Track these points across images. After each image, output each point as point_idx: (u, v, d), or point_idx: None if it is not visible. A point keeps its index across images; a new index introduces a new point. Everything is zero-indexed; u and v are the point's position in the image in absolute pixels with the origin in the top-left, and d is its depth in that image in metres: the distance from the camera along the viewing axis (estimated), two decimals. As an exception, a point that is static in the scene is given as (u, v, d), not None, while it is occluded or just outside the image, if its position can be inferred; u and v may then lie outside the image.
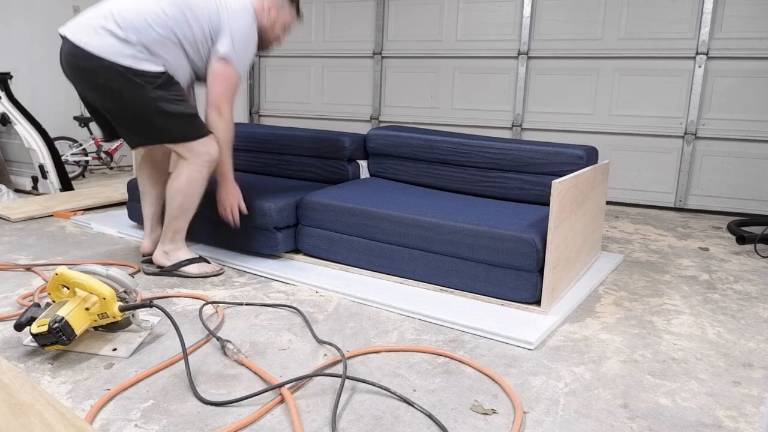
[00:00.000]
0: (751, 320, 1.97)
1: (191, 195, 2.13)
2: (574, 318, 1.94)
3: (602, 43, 4.07)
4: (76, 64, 1.98)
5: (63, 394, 1.35)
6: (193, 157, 2.08)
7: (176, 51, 2.05)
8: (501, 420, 1.31)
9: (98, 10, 2.02)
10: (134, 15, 1.97)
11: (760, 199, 3.82)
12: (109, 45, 1.94)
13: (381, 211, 2.21)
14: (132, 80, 1.96)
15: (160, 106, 2.00)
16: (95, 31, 1.96)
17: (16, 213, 3.08)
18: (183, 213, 2.16)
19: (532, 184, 2.51)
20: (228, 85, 2.09)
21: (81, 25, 1.99)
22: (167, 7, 2.01)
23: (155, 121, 2.02)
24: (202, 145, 2.08)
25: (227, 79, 2.08)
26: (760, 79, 3.72)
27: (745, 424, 1.32)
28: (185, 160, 2.10)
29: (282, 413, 1.30)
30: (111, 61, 1.93)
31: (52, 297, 1.62)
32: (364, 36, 4.84)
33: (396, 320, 1.87)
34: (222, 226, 2.44)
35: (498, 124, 4.46)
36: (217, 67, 2.07)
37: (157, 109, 2.00)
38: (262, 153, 3.03)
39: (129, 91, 1.97)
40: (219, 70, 2.07)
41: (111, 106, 2.05)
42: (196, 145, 2.07)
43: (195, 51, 2.08)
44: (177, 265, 2.20)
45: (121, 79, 1.95)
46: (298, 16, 2.32)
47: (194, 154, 2.08)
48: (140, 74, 1.96)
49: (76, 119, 4.79)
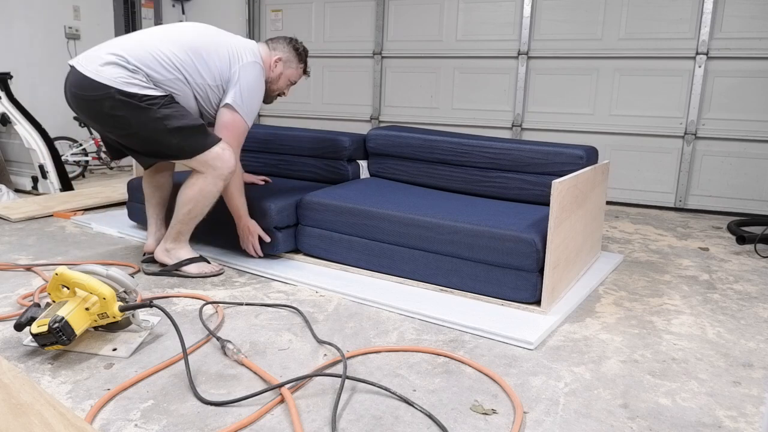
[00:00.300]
0: (751, 320, 1.98)
1: (202, 205, 2.13)
2: (574, 318, 1.94)
3: (602, 43, 4.07)
4: (82, 95, 2.00)
5: (63, 394, 1.35)
6: (208, 171, 2.08)
7: (185, 90, 2.09)
8: (501, 420, 1.31)
9: (109, 45, 2.05)
10: (145, 53, 2.01)
11: (760, 199, 3.82)
12: (117, 74, 1.96)
13: (381, 211, 2.21)
14: (137, 105, 1.97)
15: (169, 124, 2.00)
16: (104, 61, 1.98)
17: (16, 213, 3.08)
18: (191, 219, 2.18)
19: (532, 184, 2.51)
20: (235, 134, 2.14)
21: (90, 57, 2.02)
22: (178, 53, 2.05)
23: (165, 139, 2.02)
24: (217, 158, 2.06)
25: (235, 128, 2.13)
26: (760, 79, 3.72)
27: (745, 424, 1.32)
28: (199, 173, 2.10)
29: (282, 413, 1.30)
30: (116, 89, 1.95)
31: (52, 297, 1.62)
32: (364, 36, 4.84)
33: (396, 320, 1.87)
34: (223, 226, 2.44)
35: (498, 124, 4.46)
36: (224, 115, 2.12)
37: (165, 127, 2.00)
38: (263, 153, 3.03)
39: (135, 117, 1.98)
40: (227, 118, 2.12)
41: (119, 134, 2.07)
42: (210, 159, 2.06)
43: (204, 96, 2.13)
44: (177, 265, 2.20)
45: (126, 107, 1.97)
46: (305, 73, 2.40)
47: (209, 167, 2.07)
48: (145, 99, 1.98)
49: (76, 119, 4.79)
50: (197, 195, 2.10)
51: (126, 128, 2.01)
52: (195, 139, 2.04)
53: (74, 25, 4.99)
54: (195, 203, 2.12)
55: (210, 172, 2.08)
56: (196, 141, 2.05)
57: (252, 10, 5.35)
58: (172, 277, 2.21)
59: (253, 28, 5.41)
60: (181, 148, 2.04)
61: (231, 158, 2.09)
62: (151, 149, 2.08)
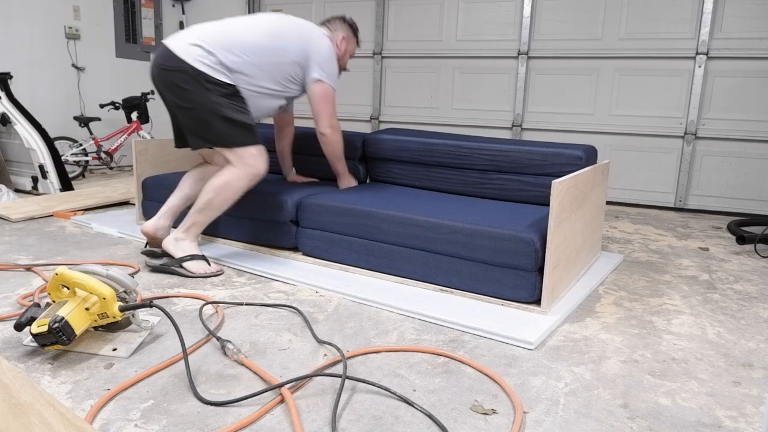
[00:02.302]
0: (751, 320, 1.98)
1: (223, 197, 2.24)
2: (574, 318, 1.94)
3: (602, 43, 4.07)
4: (163, 65, 2.21)
5: (63, 394, 1.35)
6: (240, 166, 2.22)
7: (262, 76, 2.28)
8: (501, 420, 1.31)
9: (195, 28, 2.28)
10: (225, 39, 2.23)
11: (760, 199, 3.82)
12: (194, 52, 2.18)
13: (380, 212, 2.22)
14: (202, 84, 2.17)
15: (221, 111, 2.19)
16: (186, 41, 2.22)
17: (16, 213, 3.08)
18: (208, 210, 2.26)
19: (532, 186, 2.51)
20: (330, 101, 2.43)
21: (178, 37, 2.25)
22: (261, 36, 2.28)
23: (215, 122, 2.19)
24: (252, 157, 2.23)
25: (327, 95, 2.41)
26: (760, 79, 3.72)
27: (745, 424, 1.32)
28: (232, 166, 2.23)
29: (282, 413, 1.30)
30: (189, 64, 2.16)
31: (52, 297, 1.62)
32: (364, 36, 4.84)
33: (396, 320, 1.87)
34: (242, 221, 2.54)
35: (498, 124, 4.46)
36: (316, 89, 2.39)
37: (217, 112, 2.18)
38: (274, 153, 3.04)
39: (197, 93, 2.18)
40: (317, 89, 2.39)
41: (179, 106, 2.24)
42: (246, 155, 2.22)
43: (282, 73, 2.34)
44: (180, 260, 2.21)
45: (194, 81, 2.17)
46: (358, 45, 2.67)
47: (242, 163, 2.22)
48: (211, 81, 2.18)
49: (76, 119, 4.80)
50: (223, 185, 2.22)
51: (186, 101, 2.20)
52: (241, 133, 2.22)
53: (74, 25, 4.99)
54: (218, 193, 2.22)
55: (242, 168, 2.22)
56: (241, 134, 2.22)
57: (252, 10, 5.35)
58: (172, 274, 2.21)
59: (253, 28, 5.40)
60: (228, 135, 2.21)
61: (264, 163, 2.27)
62: (200, 129, 2.23)
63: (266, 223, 2.50)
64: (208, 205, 2.24)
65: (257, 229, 2.53)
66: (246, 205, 2.49)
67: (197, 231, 2.30)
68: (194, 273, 2.21)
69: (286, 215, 2.42)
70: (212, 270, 2.25)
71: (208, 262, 2.27)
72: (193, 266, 2.22)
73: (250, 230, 2.55)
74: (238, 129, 2.21)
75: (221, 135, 2.21)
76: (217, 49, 2.20)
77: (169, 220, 2.42)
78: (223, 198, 2.23)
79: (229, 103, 2.21)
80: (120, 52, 5.43)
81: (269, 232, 2.49)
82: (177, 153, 3.13)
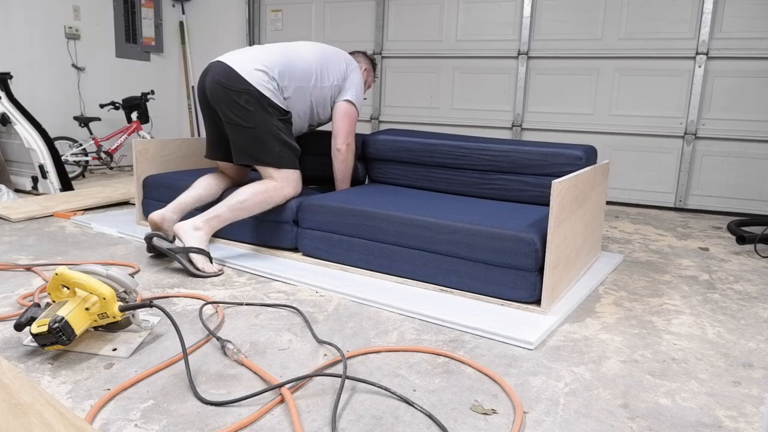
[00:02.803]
0: (751, 320, 1.98)
1: (256, 202, 2.35)
2: (574, 318, 1.94)
3: (602, 43, 4.07)
4: (226, 84, 2.35)
5: (63, 394, 1.35)
6: (282, 183, 2.39)
7: (303, 101, 2.49)
8: (501, 420, 1.31)
9: (256, 53, 2.43)
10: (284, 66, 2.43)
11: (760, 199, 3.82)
12: (259, 77, 2.36)
13: (380, 212, 2.22)
14: (265, 108, 2.35)
15: (279, 134, 2.39)
16: (250, 65, 2.38)
17: (16, 213, 3.08)
18: (238, 209, 2.35)
19: (532, 186, 2.51)
20: (352, 120, 2.62)
21: (241, 59, 2.40)
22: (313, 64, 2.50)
23: (271, 143, 2.38)
24: (295, 180, 2.43)
25: (351, 115, 2.60)
26: (760, 79, 3.72)
27: (745, 424, 1.32)
28: (274, 180, 2.39)
29: (282, 413, 1.30)
30: (255, 87, 2.34)
31: (52, 297, 1.62)
32: (364, 36, 4.84)
33: (396, 320, 1.87)
34: (242, 221, 2.54)
35: (498, 124, 4.46)
36: (344, 107, 2.59)
37: (276, 134, 2.38)
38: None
39: (259, 114, 2.35)
40: (344, 108, 2.59)
41: (240, 124, 2.37)
42: (291, 177, 2.41)
43: (322, 97, 2.55)
44: (188, 249, 2.23)
45: (257, 104, 2.34)
46: (375, 79, 2.96)
47: (286, 181, 2.40)
48: (273, 106, 2.37)
49: (76, 119, 4.80)
50: (261, 192, 2.35)
51: (247, 120, 2.35)
52: (291, 156, 2.43)
53: (74, 25, 4.99)
54: (254, 197, 2.34)
55: (282, 184, 2.40)
56: (291, 158, 2.42)
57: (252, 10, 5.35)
58: (175, 261, 2.20)
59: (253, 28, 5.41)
60: (279, 156, 2.39)
61: (298, 188, 2.46)
62: (253, 147, 2.38)
63: (267, 223, 2.50)
64: (240, 205, 2.33)
65: (258, 230, 2.53)
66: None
67: (217, 225, 2.34)
68: (197, 267, 2.21)
69: (287, 216, 2.43)
70: (213, 270, 2.24)
71: (211, 261, 2.27)
72: (199, 260, 2.22)
73: (251, 231, 2.55)
74: (290, 152, 2.41)
75: (275, 155, 2.38)
76: (279, 75, 2.39)
77: (177, 214, 2.45)
78: (257, 203, 2.35)
79: (285, 128, 2.42)
80: (120, 52, 5.44)
81: (270, 232, 2.50)
82: (177, 153, 3.13)
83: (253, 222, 2.53)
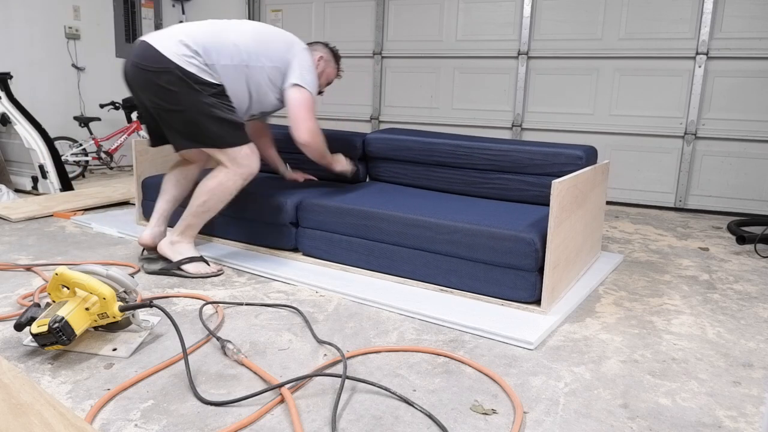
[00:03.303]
0: (751, 320, 1.98)
1: (217, 199, 2.21)
2: (574, 318, 1.94)
3: (602, 43, 4.07)
4: (143, 65, 2.11)
5: (63, 394, 1.35)
6: (233, 167, 2.19)
7: (237, 83, 2.21)
8: (501, 420, 1.31)
9: (179, 27, 2.20)
10: (210, 40, 2.16)
11: (760, 199, 3.82)
12: (181, 52, 2.10)
13: (381, 212, 2.22)
14: (191, 86, 2.10)
15: (212, 112, 2.13)
16: (171, 40, 2.13)
17: (16, 213, 3.08)
18: (203, 212, 2.24)
19: (532, 185, 2.51)
20: (308, 107, 2.27)
21: (160, 34, 2.17)
22: (246, 39, 2.21)
23: (206, 124, 2.13)
24: (245, 157, 2.19)
25: (306, 102, 2.27)
26: (760, 79, 3.72)
27: (745, 424, 1.32)
28: (224, 167, 2.20)
29: (282, 413, 1.30)
30: (176, 64, 2.08)
31: (52, 297, 1.62)
32: (364, 36, 4.84)
33: (396, 320, 1.87)
34: (241, 222, 2.53)
35: (498, 124, 4.46)
36: (294, 94, 2.26)
37: (209, 113, 2.12)
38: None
39: (186, 95, 2.10)
40: (295, 95, 2.26)
41: (166, 108, 2.15)
42: (238, 156, 2.18)
43: (262, 79, 2.25)
44: (178, 263, 2.20)
45: (182, 83, 2.09)
46: (338, 74, 2.59)
47: (235, 164, 2.19)
48: (199, 82, 2.11)
49: (76, 119, 4.79)
50: (216, 187, 2.19)
51: (174, 104, 2.12)
52: (233, 133, 2.18)
53: (74, 25, 4.99)
54: (211, 195, 2.20)
55: (234, 169, 2.18)
56: (233, 134, 2.18)
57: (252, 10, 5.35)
58: (171, 276, 2.21)
59: (253, 28, 5.40)
60: (220, 136, 2.16)
61: (257, 161, 2.23)
62: (190, 131, 2.17)
63: (266, 224, 2.49)
64: (202, 208, 2.21)
65: (257, 231, 2.53)
66: (245, 206, 2.49)
67: (193, 233, 2.28)
68: (193, 274, 2.21)
69: (285, 217, 2.42)
70: (212, 270, 2.24)
71: (207, 263, 2.27)
72: (192, 268, 2.22)
73: (250, 232, 2.55)
74: (229, 129, 2.16)
75: (213, 136, 2.15)
76: (204, 50, 2.13)
77: (163, 225, 2.39)
78: (218, 199, 2.21)
79: (219, 103, 2.15)
80: (120, 52, 5.43)
81: (269, 233, 2.49)
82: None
83: (253, 223, 2.52)
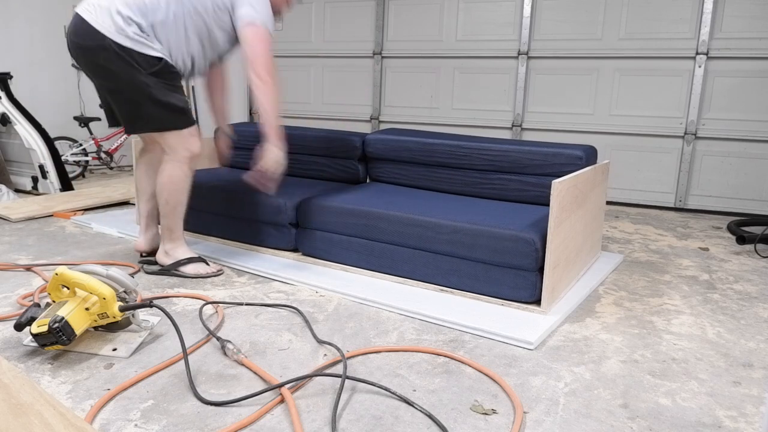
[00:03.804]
0: (751, 320, 1.98)
1: (174, 191, 2.15)
2: (574, 318, 1.94)
3: (602, 43, 4.07)
4: (80, 44, 2.00)
5: (63, 394, 1.35)
6: (171, 153, 2.12)
7: (183, 33, 2.05)
8: (501, 420, 1.31)
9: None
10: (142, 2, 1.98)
11: (760, 199, 3.82)
12: (113, 23, 1.95)
13: (381, 212, 2.22)
14: (129, 62, 1.97)
15: (151, 93, 2.02)
16: (102, 9, 1.97)
17: (16, 213, 3.08)
18: (171, 210, 2.18)
19: (532, 186, 2.51)
20: (264, 43, 2.07)
21: (92, 3, 2.01)
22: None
23: (146, 105, 2.04)
24: (183, 141, 2.11)
25: (260, 40, 2.06)
26: (760, 79, 3.72)
27: (745, 424, 1.32)
28: (167, 156, 2.14)
29: (282, 413, 1.30)
30: (112, 40, 1.95)
31: (52, 297, 1.62)
32: (364, 36, 4.84)
33: (396, 320, 1.87)
34: (241, 223, 2.52)
35: (498, 124, 4.46)
36: (247, 32, 2.06)
37: (148, 95, 2.02)
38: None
39: (124, 74, 1.99)
40: (249, 33, 2.06)
41: (110, 88, 2.07)
42: (177, 142, 2.10)
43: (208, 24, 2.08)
44: (175, 265, 2.20)
45: (119, 61, 1.96)
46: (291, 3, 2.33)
47: (173, 150, 2.12)
48: (137, 56, 1.97)
49: (76, 119, 4.79)
50: (167, 182, 2.14)
51: (114, 83, 2.02)
52: (172, 117, 2.08)
53: (74, 25, 4.99)
54: (168, 191, 2.15)
55: (173, 156, 2.12)
56: (172, 118, 2.08)
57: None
58: (171, 276, 2.21)
59: (253, 28, 5.40)
60: (159, 120, 2.06)
61: (197, 143, 2.14)
62: (132, 113, 2.08)
63: (265, 225, 2.49)
64: (168, 206, 2.17)
65: (256, 232, 2.53)
66: (245, 207, 2.49)
67: (177, 234, 2.23)
68: (191, 274, 2.21)
69: (285, 218, 2.42)
70: (212, 270, 2.24)
71: (206, 263, 2.27)
72: (191, 269, 2.21)
73: (249, 233, 2.55)
74: (168, 112, 2.06)
75: (152, 120, 2.06)
76: (136, 14, 1.97)
77: (153, 226, 2.38)
78: (176, 192, 2.15)
79: (159, 83, 2.02)
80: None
81: (269, 234, 2.49)
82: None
83: (253, 223, 2.52)
